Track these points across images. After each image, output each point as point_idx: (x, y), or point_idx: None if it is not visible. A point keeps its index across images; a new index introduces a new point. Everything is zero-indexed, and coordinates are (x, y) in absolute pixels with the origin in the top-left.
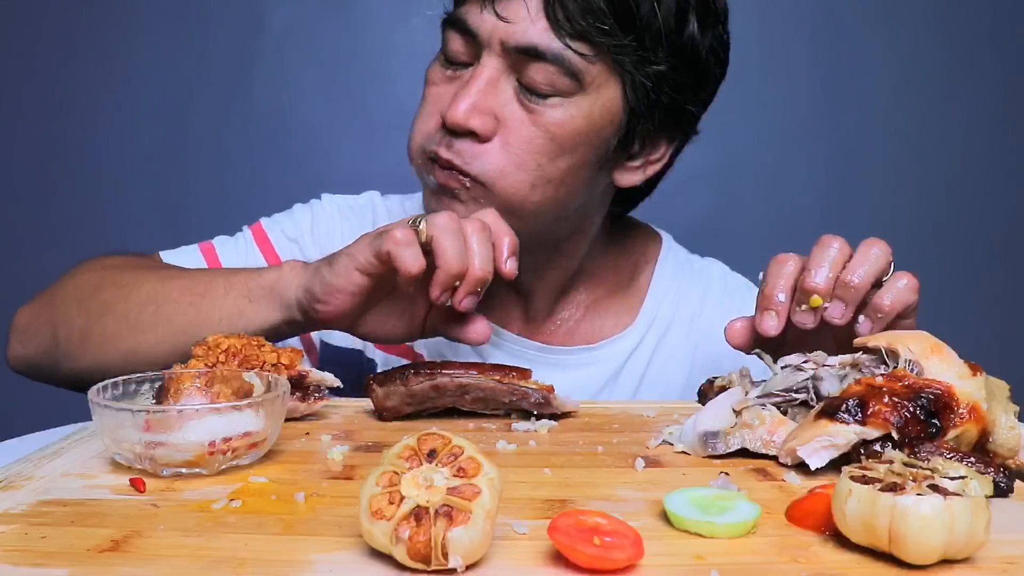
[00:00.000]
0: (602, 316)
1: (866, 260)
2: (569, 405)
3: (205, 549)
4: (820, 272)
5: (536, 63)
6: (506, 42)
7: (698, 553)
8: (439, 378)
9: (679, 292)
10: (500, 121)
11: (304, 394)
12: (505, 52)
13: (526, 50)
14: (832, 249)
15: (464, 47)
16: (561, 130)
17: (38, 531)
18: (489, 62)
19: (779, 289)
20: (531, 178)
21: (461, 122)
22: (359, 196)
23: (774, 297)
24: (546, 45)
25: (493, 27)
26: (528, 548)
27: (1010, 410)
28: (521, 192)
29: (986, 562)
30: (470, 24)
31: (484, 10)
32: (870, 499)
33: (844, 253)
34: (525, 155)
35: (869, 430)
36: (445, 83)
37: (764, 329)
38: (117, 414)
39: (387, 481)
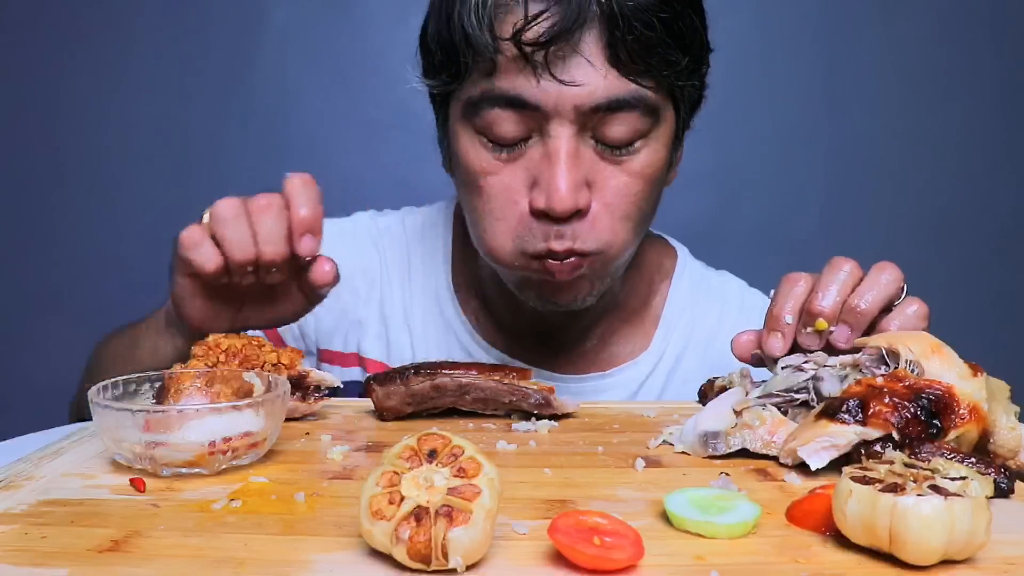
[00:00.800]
0: (616, 342)
1: (875, 285)
2: (569, 406)
3: (205, 549)
4: (827, 295)
5: (616, 114)
6: (581, 107)
7: (698, 553)
8: (439, 378)
9: (695, 313)
10: (592, 185)
11: (304, 394)
12: (578, 115)
13: (608, 107)
14: (842, 272)
15: (518, 123)
16: (651, 170)
17: (38, 531)
18: (563, 132)
19: (787, 311)
20: (634, 226)
21: (572, 206)
22: (348, 220)
23: (781, 318)
24: (625, 94)
25: (559, 95)
26: (528, 548)
27: (1011, 411)
28: (630, 243)
29: (987, 563)
30: (529, 99)
31: (541, 79)
32: (871, 499)
33: (854, 277)
34: (627, 208)
35: (870, 430)
36: (505, 169)
37: (769, 350)
38: (117, 414)
39: (387, 481)
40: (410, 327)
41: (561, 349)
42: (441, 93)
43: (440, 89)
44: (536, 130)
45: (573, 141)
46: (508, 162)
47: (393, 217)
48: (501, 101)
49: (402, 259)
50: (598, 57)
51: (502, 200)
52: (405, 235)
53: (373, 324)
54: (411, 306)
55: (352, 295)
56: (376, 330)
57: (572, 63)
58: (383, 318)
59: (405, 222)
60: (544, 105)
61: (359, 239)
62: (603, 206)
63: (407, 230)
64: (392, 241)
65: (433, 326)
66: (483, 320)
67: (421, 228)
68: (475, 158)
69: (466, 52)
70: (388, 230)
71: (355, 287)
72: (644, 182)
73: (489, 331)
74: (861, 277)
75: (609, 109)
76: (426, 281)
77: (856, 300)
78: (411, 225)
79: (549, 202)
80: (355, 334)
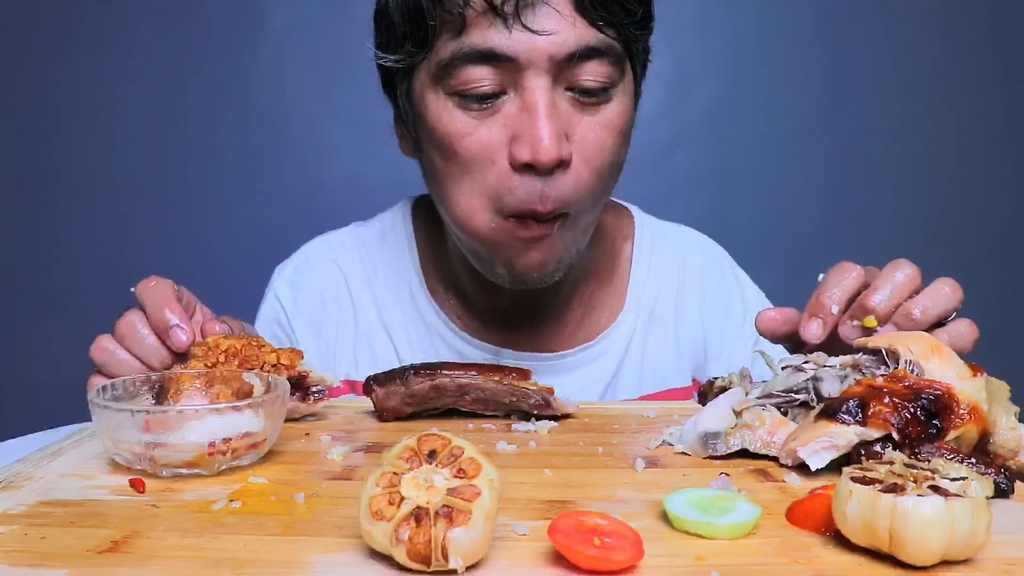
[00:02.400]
0: (596, 309)
1: (934, 296)
2: (569, 407)
3: (205, 550)
4: (884, 293)
5: (588, 63)
6: (555, 55)
7: (698, 554)
8: (439, 378)
9: (661, 265)
10: (570, 138)
11: (304, 394)
12: (552, 65)
13: (580, 54)
14: (902, 274)
15: (491, 76)
16: (623, 119)
17: (37, 532)
18: (539, 83)
19: (834, 300)
20: (606, 183)
21: (557, 156)
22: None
23: (827, 306)
24: (594, 41)
25: (532, 45)
26: (528, 549)
27: (1011, 411)
28: (600, 200)
29: (987, 563)
30: (503, 51)
31: (512, 31)
32: (871, 500)
33: (914, 282)
34: (602, 162)
35: (870, 431)
36: (481, 128)
37: (808, 335)
38: (117, 415)
39: (387, 482)
40: (391, 336)
41: (546, 327)
42: (405, 67)
43: (405, 62)
44: (510, 84)
45: (550, 93)
46: (483, 121)
47: (344, 233)
48: (474, 56)
49: (365, 270)
50: (565, 6)
51: (480, 159)
52: (364, 246)
53: (354, 342)
54: (388, 314)
55: (329, 323)
56: (359, 347)
57: (541, 12)
58: (363, 333)
59: (359, 235)
60: (518, 56)
61: (317, 267)
62: (582, 160)
63: (364, 242)
64: (350, 256)
65: (415, 330)
66: (464, 315)
67: (380, 236)
68: (449, 121)
69: (434, 13)
70: (343, 246)
71: (329, 314)
72: (617, 134)
73: (472, 325)
74: (920, 286)
75: (581, 57)
76: (398, 287)
77: (913, 307)
78: (367, 236)
79: (534, 154)
80: (345, 358)
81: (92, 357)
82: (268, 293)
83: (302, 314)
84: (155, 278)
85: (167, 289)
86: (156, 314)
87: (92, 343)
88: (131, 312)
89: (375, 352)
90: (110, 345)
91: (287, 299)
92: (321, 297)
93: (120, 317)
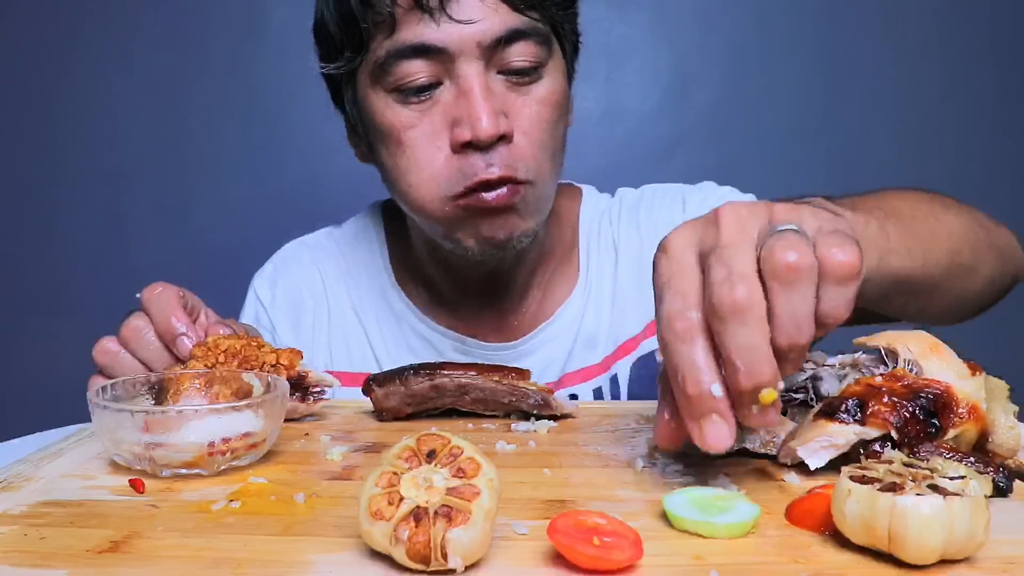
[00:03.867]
0: (552, 287)
1: (792, 309)
2: (568, 407)
3: (204, 550)
4: (746, 357)
5: (513, 45)
6: (483, 42)
7: (698, 553)
8: (438, 378)
9: (607, 233)
10: (508, 115)
11: (304, 394)
12: (482, 51)
13: (506, 38)
14: (746, 314)
15: (426, 68)
16: (555, 96)
17: (37, 532)
18: (471, 69)
19: (704, 378)
20: (552, 155)
21: (495, 131)
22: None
23: (703, 394)
24: (519, 24)
25: (460, 34)
26: (527, 548)
27: (1009, 410)
28: (552, 172)
29: (986, 562)
30: (434, 43)
31: (440, 23)
32: (870, 499)
33: (757, 305)
34: (542, 135)
35: (868, 430)
36: (423, 119)
37: (712, 445)
38: (116, 415)
39: (386, 482)
40: (365, 327)
41: (510, 311)
42: (347, 72)
43: (346, 67)
44: (444, 74)
45: (483, 76)
46: (424, 111)
47: (319, 234)
48: (407, 52)
49: (340, 268)
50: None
51: (425, 147)
52: (337, 247)
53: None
54: (361, 307)
55: (306, 316)
56: (333, 338)
57: (465, 3)
58: (337, 325)
59: (333, 235)
60: (449, 46)
61: (294, 265)
62: (521, 134)
63: (337, 242)
64: (326, 255)
65: (386, 321)
66: (432, 305)
67: (353, 236)
68: (391, 116)
69: (364, 16)
70: (319, 246)
71: (306, 307)
72: (552, 108)
73: (439, 314)
74: (761, 297)
75: (508, 40)
76: (370, 282)
77: (781, 338)
78: (340, 237)
79: (474, 131)
80: (321, 349)
81: (95, 358)
82: (249, 294)
83: (280, 308)
84: (161, 285)
85: (173, 296)
86: (163, 323)
87: (94, 344)
88: (136, 317)
89: (349, 343)
90: (113, 347)
91: (266, 296)
92: (299, 291)
93: (124, 321)
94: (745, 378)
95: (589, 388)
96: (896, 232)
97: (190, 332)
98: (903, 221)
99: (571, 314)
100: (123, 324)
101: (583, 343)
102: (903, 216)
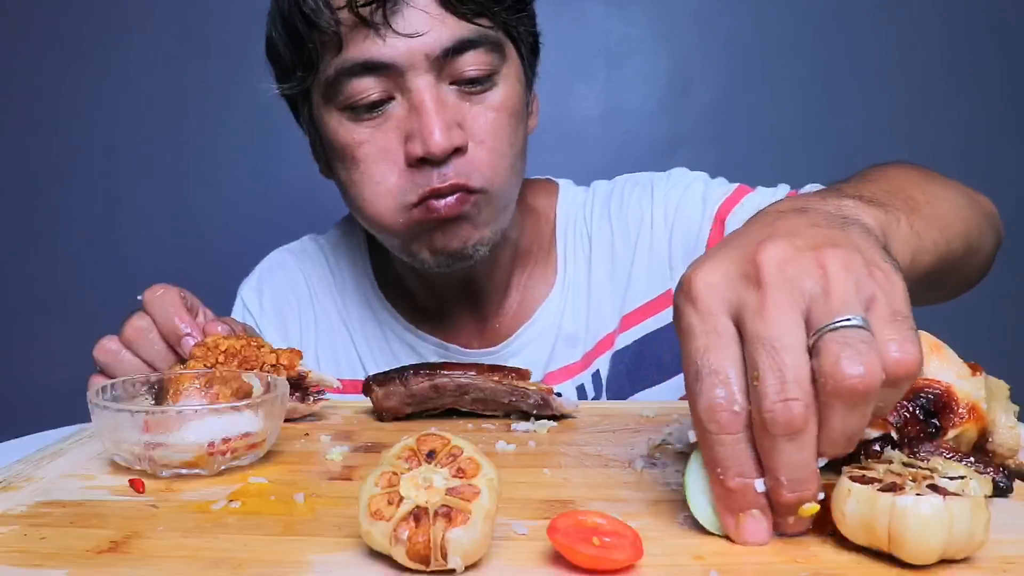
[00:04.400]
0: (532, 288)
1: (848, 428)
2: (568, 407)
3: (204, 550)
4: (792, 475)
5: (464, 55)
6: (431, 54)
7: (697, 553)
8: (438, 378)
9: (582, 228)
10: (462, 125)
11: (303, 394)
12: (431, 64)
13: (455, 48)
14: (801, 436)
15: (376, 85)
16: (511, 102)
17: (37, 532)
18: (421, 83)
19: (747, 479)
20: (510, 163)
21: (448, 145)
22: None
23: (747, 490)
24: (467, 33)
25: (407, 48)
26: (527, 549)
27: (1010, 410)
28: (510, 180)
29: (985, 562)
30: (380, 59)
31: (386, 38)
32: (869, 499)
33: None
34: (498, 143)
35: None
36: (376, 134)
37: (750, 541)
38: (116, 415)
39: (386, 482)
40: (351, 333)
41: (490, 315)
42: (301, 91)
43: (299, 87)
44: (396, 89)
45: (434, 89)
46: (377, 127)
47: (304, 241)
48: (356, 69)
49: (325, 274)
50: (432, 5)
51: (379, 163)
52: (322, 252)
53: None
54: (346, 312)
55: (293, 322)
56: (320, 344)
57: (410, 16)
58: (324, 331)
59: (317, 241)
60: (396, 61)
61: (280, 272)
62: (477, 144)
63: (322, 247)
64: (312, 261)
65: (371, 327)
66: (413, 312)
67: (336, 241)
68: (344, 133)
69: (310, 36)
70: (304, 252)
71: (293, 314)
72: (508, 115)
73: (421, 321)
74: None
75: (456, 50)
76: (355, 288)
77: (828, 447)
78: (325, 242)
79: (426, 146)
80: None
81: (96, 358)
82: (236, 304)
83: (267, 316)
84: (162, 286)
85: (175, 297)
86: (167, 323)
87: (95, 344)
88: (138, 317)
89: (335, 348)
90: (114, 347)
91: (253, 304)
92: (285, 299)
93: (126, 321)
94: (788, 492)
95: (572, 386)
96: (922, 226)
97: (194, 332)
98: (921, 211)
99: (551, 313)
100: (125, 324)
101: (564, 341)
102: (919, 204)
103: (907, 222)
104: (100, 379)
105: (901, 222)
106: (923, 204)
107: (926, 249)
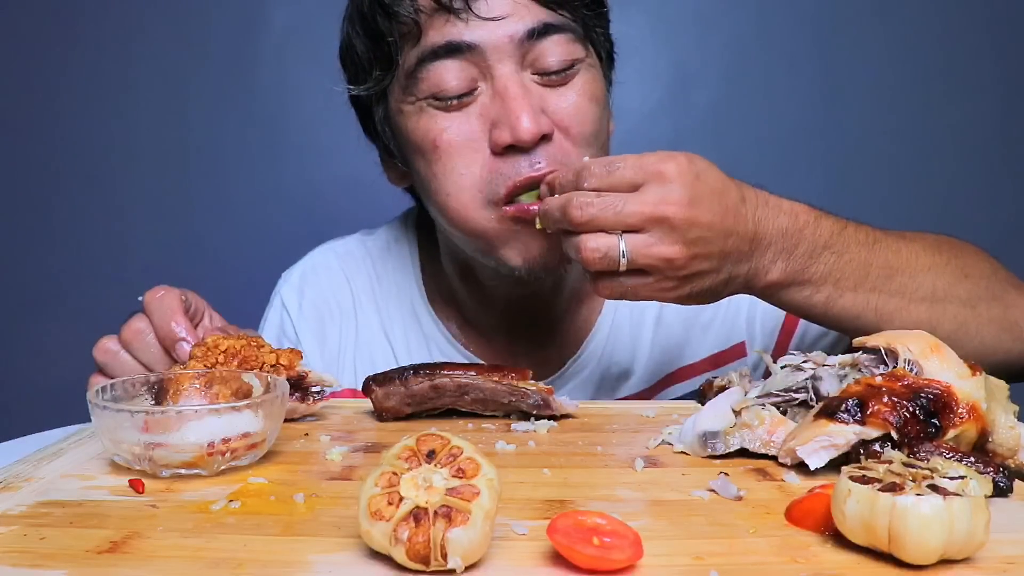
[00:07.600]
0: (582, 311)
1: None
2: (568, 407)
3: (204, 550)
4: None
5: (547, 40)
6: (514, 36)
7: (697, 553)
8: (438, 378)
9: None
10: (546, 112)
11: (303, 395)
12: (515, 48)
13: (538, 31)
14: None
15: (458, 70)
16: (594, 87)
17: (37, 532)
18: (506, 69)
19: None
20: (592, 151)
21: (537, 131)
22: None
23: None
24: (550, 18)
25: (490, 31)
26: (527, 549)
27: (1009, 410)
28: None
29: (985, 562)
30: (464, 41)
31: (468, 22)
32: (869, 499)
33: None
34: (582, 128)
35: (868, 430)
36: (458, 120)
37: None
38: (116, 415)
39: (386, 482)
40: (392, 343)
41: (546, 343)
42: (377, 93)
43: (377, 86)
44: (479, 77)
45: (518, 76)
46: (460, 116)
47: (351, 241)
48: (439, 52)
49: (370, 280)
50: None
51: (463, 152)
52: (369, 256)
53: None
54: (389, 322)
55: (333, 330)
56: (359, 354)
57: (492, 1)
58: (364, 340)
59: (366, 243)
60: (480, 43)
61: (323, 273)
62: (562, 131)
63: (370, 251)
64: (357, 264)
65: (414, 339)
66: (463, 329)
67: (385, 245)
68: (426, 123)
69: (390, 28)
70: (350, 254)
71: (333, 321)
72: (591, 101)
73: (470, 339)
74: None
75: (540, 34)
76: (400, 296)
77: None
78: (373, 245)
79: (515, 132)
80: (347, 365)
81: (95, 357)
82: (274, 299)
83: (307, 321)
84: (163, 288)
85: (175, 300)
86: (164, 327)
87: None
88: (138, 319)
89: (375, 359)
90: (113, 347)
91: (293, 305)
92: (327, 303)
93: (126, 322)
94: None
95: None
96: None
97: (190, 337)
98: (893, 278)
99: (598, 343)
100: (124, 325)
101: (615, 374)
102: (895, 272)
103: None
104: (100, 378)
105: (843, 256)
106: (902, 274)
107: (848, 294)
